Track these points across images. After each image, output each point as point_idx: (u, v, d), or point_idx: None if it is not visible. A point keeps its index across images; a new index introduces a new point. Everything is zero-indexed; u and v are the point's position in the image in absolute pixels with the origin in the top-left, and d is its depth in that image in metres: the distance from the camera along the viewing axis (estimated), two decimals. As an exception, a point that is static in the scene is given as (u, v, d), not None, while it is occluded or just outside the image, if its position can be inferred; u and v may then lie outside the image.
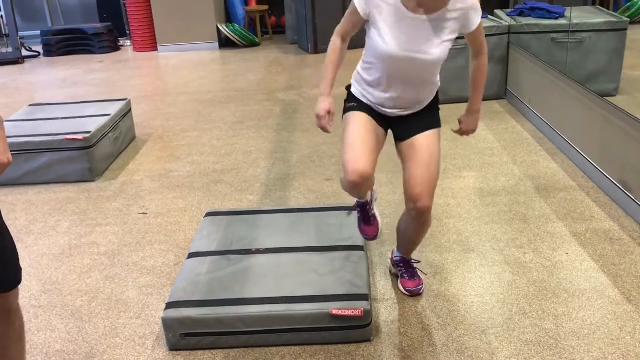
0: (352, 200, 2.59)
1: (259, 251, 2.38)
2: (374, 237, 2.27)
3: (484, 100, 2.27)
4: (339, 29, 2.06)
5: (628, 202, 2.83)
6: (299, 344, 2.05)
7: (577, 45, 4.13)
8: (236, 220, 2.64)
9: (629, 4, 5.06)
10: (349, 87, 2.18)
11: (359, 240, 2.42)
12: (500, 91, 4.76)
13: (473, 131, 2.22)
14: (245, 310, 2.03)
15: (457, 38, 1.98)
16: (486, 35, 4.58)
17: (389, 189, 3.23)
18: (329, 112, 2.00)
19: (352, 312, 1.99)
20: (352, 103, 2.13)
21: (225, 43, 7.77)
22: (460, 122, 2.22)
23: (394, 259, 2.40)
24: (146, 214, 3.12)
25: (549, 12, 4.53)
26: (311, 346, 2.04)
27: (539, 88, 4.11)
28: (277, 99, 5.20)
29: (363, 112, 2.08)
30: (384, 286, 2.37)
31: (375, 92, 2.06)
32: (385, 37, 1.93)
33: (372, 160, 1.98)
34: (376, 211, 2.27)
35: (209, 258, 2.34)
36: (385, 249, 2.61)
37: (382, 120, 2.11)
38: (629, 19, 4.43)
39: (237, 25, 7.77)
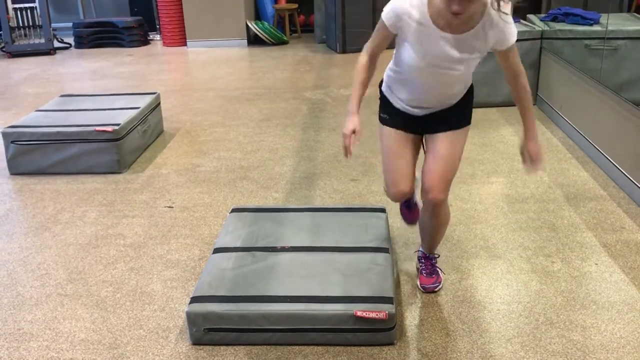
0: (379, 201, 2.58)
1: (283, 249, 2.38)
2: (413, 221, 2.47)
3: (512, 105, 2.25)
4: (368, 45, 2.06)
5: (661, 214, 2.77)
6: (322, 344, 2.04)
7: (611, 52, 4.05)
8: (261, 217, 2.64)
9: (665, 11, 4.95)
10: (381, 84, 2.20)
11: (384, 242, 2.40)
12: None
13: (542, 161, 2.08)
14: (269, 307, 2.03)
15: None
16: (518, 40, 4.57)
17: (416, 192, 3.19)
18: (354, 132, 2.01)
19: (377, 315, 1.98)
20: (384, 114, 2.17)
21: (253, 40, 7.80)
22: (523, 156, 2.10)
23: (418, 254, 2.43)
24: (172, 207, 3.14)
25: (584, 18, 4.46)
26: (334, 347, 2.03)
27: (571, 94, 4.04)
28: (304, 97, 5.19)
29: (395, 127, 2.13)
30: (409, 289, 2.35)
31: (403, 94, 2.08)
32: (412, 52, 1.94)
33: (411, 176, 2.14)
34: (418, 198, 2.30)
35: (234, 254, 2.34)
36: (410, 252, 2.59)
37: (414, 123, 2.12)
38: (666, 28, 4.34)
39: (266, 23, 7.79)
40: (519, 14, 5.24)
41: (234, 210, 2.73)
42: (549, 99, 4.44)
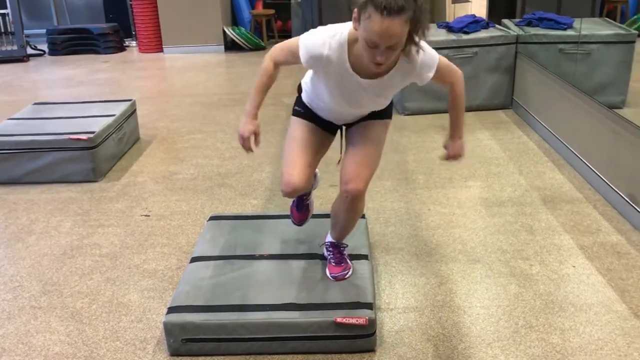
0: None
1: (262, 257, 2.35)
2: (300, 224, 2.40)
3: (489, 109, 2.26)
4: (275, 54, 1.98)
5: (636, 215, 2.80)
6: (302, 352, 2.02)
7: (585, 56, 4.11)
8: (240, 225, 2.62)
9: (635, 16, 5.04)
10: (299, 88, 2.18)
11: (363, 248, 2.39)
12: (506, 101, 4.74)
13: (460, 156, 2.11)
14: (248, 316, 2.00)
15: (464, 46, 1.96)
16: (494, 45, 4.65)
17: (395, 197, 3.20)
18: (254, 134, 2.01)
19: (357, 321, 1.97)
20: (300, 108, 2.15)
21: (230, 46, 7.76)
22: (445, 148, 2.13)
23: (326, 242, 2.33)
24: (149, 216, 3.10)
25: (558, 23, 4.52)
26: (314, 355, 2.01)
27: (546, 98, 4.09)
28: (282, 103, 5.17)
29: (308, 120, 2.11)
30: (388, 295, 2.34)
31: (322, 111, 2.09)
32: (329, 90, 1.94)
33: (308, 173, 2.04)
34: (312, 200, 2.31)
35: (212, 262, 2.32)
36: (390, 258, 2.58)
37: (326, 123, 2.14)
38: (637, 32, 4.41)
39: (243, 29, 7.77)
40: (494, 18, 5.30)
41: (212, 218, 2.70)
42: (524, 102, 4.49)
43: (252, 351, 2.02)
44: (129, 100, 4.26)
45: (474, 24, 4.77)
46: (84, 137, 3.50)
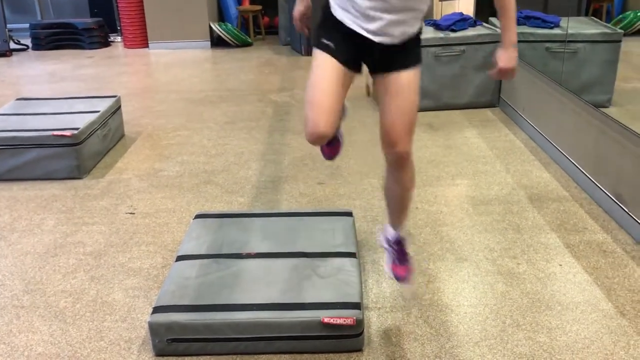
0: (345, 204, 2.54)
1: (249, 255, 2.33)
2: (332, 158, 2.30)
3: (476, 107, 2.22)
4: None
5: (621, 214, 2.82)
6: (289, 352, 2.00)
7: (571, 55, 4.13)
8: (226, 223, 2.59)
9: (621, 16, 5.07)
10: (325, 6, 1.95)
11: (351, 246, 2.38)
12: (493, 99, 4.75)
13: (513, 70, 1.92)
14: (234, 316, 1.98)
15: (451, 44, 1.88)
16: (481, 43, 4.65)
17: (382, 195, 3.18)
18: (304, 15, 1.95)
19: (344, 321, 1.95)
20: (327, 40, 1.88)
21: (217, 42, 7.71)
22: (495, 60, 1.93)
23: (388, 236, 2.21)
24: (134, 213, 3.06)
25: (544, 22, 4.53)
26: (301, 354, 2.00)
27: (533, 97, 4.10)
28: (269, 100, 5.15)
29: (336, 56, 1.86)
30: (376, 294, 2.33)
31: (354, 10, 1.83)
32: None
33: (332, 120, 1.85)
34: (342, 131, 2.18)
35: (198, 261, 2.29)
36: (377, 256, 2.57)
37: (356, 52, 1.89)
38: (623, 31, 4.44)
39: (229, 25, 7.71)
40: (480, 17, 5.30)
41: (197, 216, 2.68)
42: (511, 101, 4.50)
43: (239, 351, 2.00)
44: (114, 96, 4.21)
45: (462, 21, 4.77)
46: (68, 133, 3.45)
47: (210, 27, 7.57)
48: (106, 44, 7.93)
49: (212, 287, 2.13)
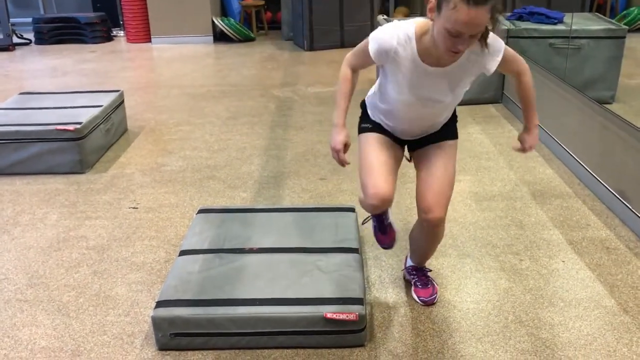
0: (348, 200, 2.54)
1: (252, 250, 2.33)
2: (390, 246, 2.26)
3: (480, 103, 2.25)
4: (349, 59, 1.99)
5: (625, 211, 2.81)
6: (292, 347, 2.01)
7: (575, 51, 4.11)
8: (229, 218, 2.59)
9: (625, 11, 5.06)
10: (363, 104, 2.14)
11: (354, 242, 2.38)
12: (496, 95, 4.74)
13: (533, 147, 2.11)
14: (237, 311, 1.99)
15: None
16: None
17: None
18: (345, 145, 1.96)
19: (347, 316, 1.95)
20: (367, 124, 2.09)
21: (219, 37, 7.70)
22: (520, 140, 2.11)
23: (407, 267, 2.35)
24: (137, 208, 3.06)
25: (548, 17, 4.51)
26: (304, 350, 2.00)
27: (537, 93, 4.07)
28: (271, 95, 5.14)
29: (378, 132, 2.05)
30: (378, 290, 2.33)
31: (389, 122, 2.04)
32: (400, 88, 1.90)
33: (392, 182, 1.97)
34: (392, 219, 2.20)
35: (200, 256, 2.29)
36: (380, 252, 2.57)
37: (393, 136, 2.09)
38: (627, 27, 4.42)
39: (232, 20, 7.70)
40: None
41: (200, 211, 2.68)
42: (514, 97, 4.49)
43: (241, 346, 2.00)
44: (117, 90, 4.21)
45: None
46: (70, 127, 3.45)
47: (213, 22, 7.56)
48: (109, 38, 7.93)
49: (214, 281, 2.13)
